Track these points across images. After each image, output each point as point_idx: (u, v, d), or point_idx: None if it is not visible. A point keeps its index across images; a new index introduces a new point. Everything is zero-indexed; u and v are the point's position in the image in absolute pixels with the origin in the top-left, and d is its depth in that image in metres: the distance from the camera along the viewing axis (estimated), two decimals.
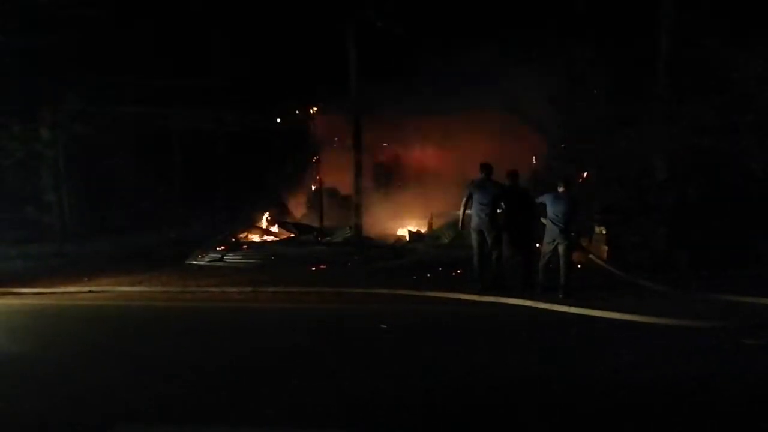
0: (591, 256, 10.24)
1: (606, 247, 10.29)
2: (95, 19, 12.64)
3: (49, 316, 7.58)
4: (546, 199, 8.08)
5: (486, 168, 8.33)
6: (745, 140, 9.71)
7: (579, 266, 9.84)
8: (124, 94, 14.84)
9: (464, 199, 8.35)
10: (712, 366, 5.04)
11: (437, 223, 14.06)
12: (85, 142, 15.19)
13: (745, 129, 9.69)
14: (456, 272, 9.79)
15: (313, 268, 10.87)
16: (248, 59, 16.43)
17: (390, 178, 17.10)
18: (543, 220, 8.19)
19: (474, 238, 8.32)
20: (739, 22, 9.51)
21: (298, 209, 17.70)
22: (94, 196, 16.05)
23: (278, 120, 18.38)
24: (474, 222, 8.26)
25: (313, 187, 17.55)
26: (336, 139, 17.23)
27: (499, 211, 8.32)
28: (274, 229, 15.46)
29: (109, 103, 14.49)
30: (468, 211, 8.38)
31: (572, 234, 8.08)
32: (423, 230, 14.44)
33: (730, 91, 9.64)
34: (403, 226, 14.91)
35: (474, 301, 7.97)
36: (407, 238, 14.00)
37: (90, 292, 9.09)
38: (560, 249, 7.93)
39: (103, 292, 9.07)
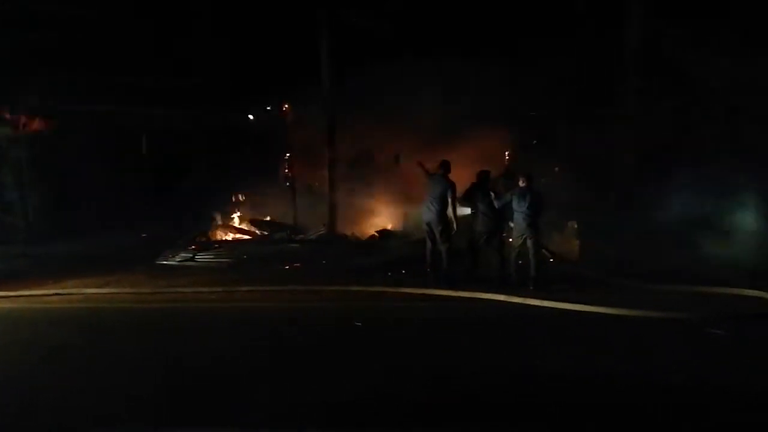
0: (548, 255, 10.33)
1: (577, 241, 10.47)
2: (59, 14, 12.29)
3: (12, 319, 7.33)
4: (512, 194, 8.24)
5: (443, 165, 8.70)
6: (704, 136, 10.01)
7: (551, 260, 10.00)
8: (91, 91, 14.46)
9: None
10: (678, 356, 5.17)
11: (411, 220, 14.06)
12: (49, 140, 14.76)
13: (705, 126, 9.99)
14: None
15: (287, 267, 10.78)
16: (220, 56, 16.17)
17: (364, 176, 17.04)
18: (510, 224, 8.38)
19: (425, 230, 8.71)
20: (703, 24, 9.78)
21: (271, 207, 17.50)
22: (59, 195, 15.59)
23: (250, 117, 18.14)
24: (424, 216, 8.64)
25: (286, 185, 17.38)
26: (309, 136, 17.08)
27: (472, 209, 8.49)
28: (247, 227, 15.27)
29: (72, 100, 14.09)
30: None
31: (540, 227, 8.26)
32: (397, 227, 14.43)
33: (692, 89, 9.91)
34: (377, 224, 14.88)
35: (447, 297, 8.01)
36: (382, 235, 13.98)
37: (56, 294, 8.81)
38: (529, 243, 8.12)
39: (69, 294, 8.80)
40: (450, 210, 8.51)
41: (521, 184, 8.23)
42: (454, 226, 8.56)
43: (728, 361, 5.06)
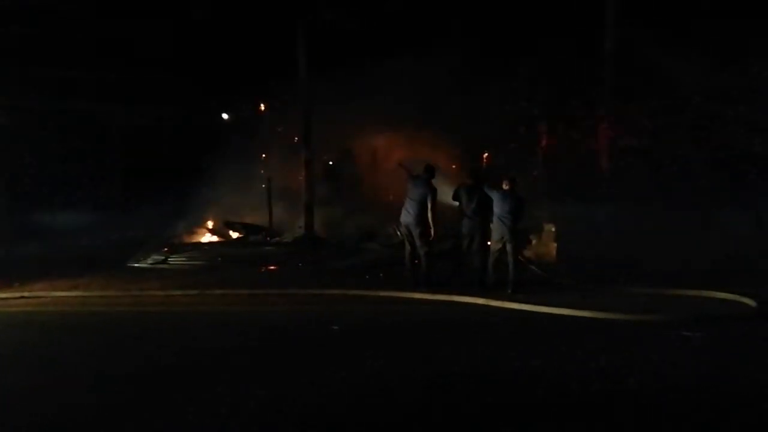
0: (523, 261, 10.36)
1: (555, 244, 10.53)
2: (25, 7, 11.93)
3: None
4: (492, 197, 8.23)
5: (427, 169, 8.62)
6: (681, 140, 10.20)
7: (531, 265, 10.03)
8: (62, 89, 14.06)
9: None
10: (653, 358, 5.19)
11: (388, 222, 14.00)
12: (15, 140, 14.28)
13: (682, 130, 10.17)
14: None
15: (263, 270, 10.62)
16: (194, 53, 15.89)
17: (341, 176, 16.91)
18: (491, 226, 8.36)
19: (403, 233, 8.67)
20: (679, 30, 9.97)
21: (246, 208, 17.26)
22: (24, 195, 15.12)
23: (224, 116, 17.86)
24: (402, 219, 8.58)
25: (262, 185, 17.16)
26: (285, 135, 16.91)
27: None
28: (221, 229, 15.02)
29: (36, 97, 13.67)
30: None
31: (519, 231, 8.28)
32: (374, 229, 14.35)
33: (668, 94, 10.09)
34: (353, 225, 14.77)
35: (426, 300, 7.97)
36: (359, 237, 13.88)
37: (22, 297, 8.51)
38: (508, 247, 8.12)
39: (36, 297, 8.52)
40: (429, 214, 8.42)
41: (504, 187, 8.21)
42: (432, 231, 8.48)
43: (696, 363, 5.09)
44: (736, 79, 9.83)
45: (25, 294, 8.66)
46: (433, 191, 8.45)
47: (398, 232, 8.70)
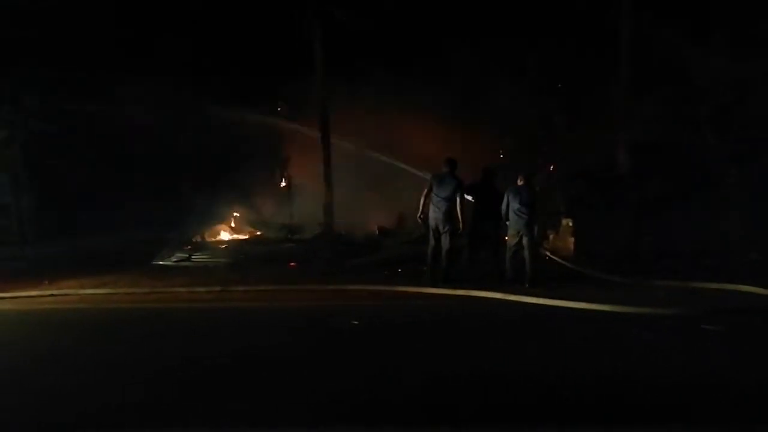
0: (547, 254, 10.40)
1: (572, 239, 10.52)
2: (54, 14, 12.24)
3: (8, 321, 7.30)
4: (508, 193, 8.27)
5: (449, 163, 8.52)
6: (702, 134, 10.07)
7: (547, 258, 10.05)
8: (88, 91, 14.40)
9: (425, 191, 8.58)
10: (674, 352, 5.20)
11: (406, 219, 14.09)
12: (44, 141, 14.70)
13: (703, 122, 10.04)
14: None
15: (283, 266, 10.78)
16: (214, 55, 16.12)
17: (359, 173, 17.03)
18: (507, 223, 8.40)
19: (430, 231, 8.55)
20: (697, 19, 9.83)
21: (267, 207, 17.49)
22: (54, 196, 15.53)
23: (245, 116, 18.09)
24: (430, 216, 8.49)
25: (282, 184, 17.38)
26: (303, 134, 17.08)
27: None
28: (243, 227, 15.28)
29: (68, 101, 14.04)
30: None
31: (536, 226, 8.31)
32: (392, 226, 14.46)
33: (687, 85, 9.97)
34: (373, 222, 14.89)
35: (445, 295, 8.04)
36: (381, 233, 14.01)
37: (51, 295, 8.79)
38: (524, 241, 8.16)
39: (65, 295, 8.79)
40: (459, 209, 8.40)
41: (519, 182, 8.27)
42: (461, 225, 8.50)
43: (719, 357, 5.09)
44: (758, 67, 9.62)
45: (55, 292, 8.94)
46: (461, 185, 8.45)
47: (427, 225, 8.62)
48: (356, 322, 6.56)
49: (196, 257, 11.88)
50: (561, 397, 4.20)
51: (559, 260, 9.77)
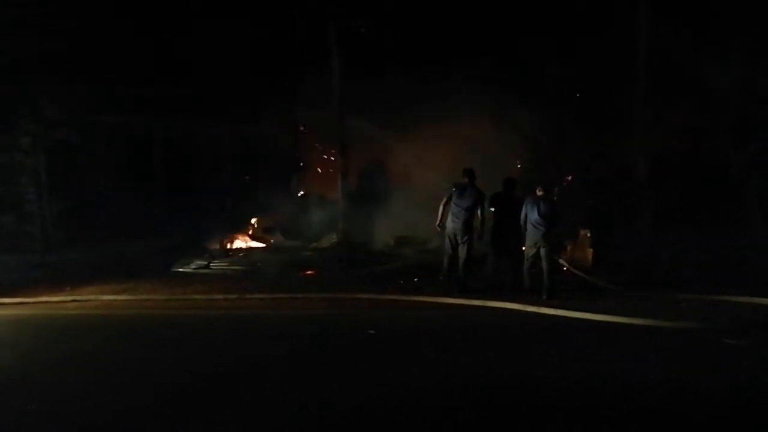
0: (565, 265, 10.31)
1: (591, 250, 10.43)
2: (76, 26, 12.52)
3: (30, 326, 7.46)
4: (526, 203, 8.24)
5: (468, 173, 8.53)
6: (720, 143, 9.97)
7: (564, 269, 9.97)
8: (108, 102, 14.69)
9: (444, 199, 8.59)
10: (695, 366, 5.13)
11: (424, 228, 14.09)
12: (66, 150, 15.01)
13: (721, 132, 9.95)
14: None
15: (300, 274, 10.84)
16: (233, 66, 16.37)
17: (376, 183, 17.11)
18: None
19: (447, 240, 8.53)
20: (715, 30, 9.77)
21: (285, 216, 17.63)
22: (76, 204, 15.83)
23: (262, 127, 18.31)
24: (449, 226, 8.48)
25: (299, 193, 17.53)
26: (321, 145, 17.23)
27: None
28: (261, 235, 15.38)
29: (90, 111, 14.33)
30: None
31: (553, 237, 8.26)
32: (409, 235, 14.45)
33: (705, 95, 9.89)
34: (389, 231, 14.91)
35: (461, 305, 8.02)
36: (397, 243, 14.02)
37: (73, 301, 8.96)
38: (542, 252, 8.11)
39: (86, 300, 8.94)
40: (478, 220, 8.39)
41: (538, 193, 8.23)
42: (481, 234, 8.49)
43: (741, 371, 5.01)
44: None
45: (77, 297, 9.11)
46: (483, 196, 8.43)
47: (445, 235, 8.61)
48: (372, 332, 6.57)
49: (215, 265, 11.98)
50: (576, 409, 4.17)
51: (578, 272, 9.69)
